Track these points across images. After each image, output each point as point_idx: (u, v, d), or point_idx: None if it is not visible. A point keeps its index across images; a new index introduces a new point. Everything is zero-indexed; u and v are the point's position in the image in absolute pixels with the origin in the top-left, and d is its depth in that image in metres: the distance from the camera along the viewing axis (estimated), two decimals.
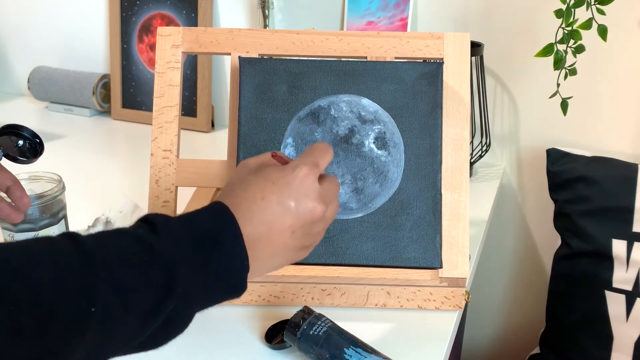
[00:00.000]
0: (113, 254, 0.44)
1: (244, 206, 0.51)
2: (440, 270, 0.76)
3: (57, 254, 0.43)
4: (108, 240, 0.46)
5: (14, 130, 0.64)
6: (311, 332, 0.67)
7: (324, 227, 0.57)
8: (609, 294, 1.06)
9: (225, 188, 0.56)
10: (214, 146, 1.37)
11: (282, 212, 0.52)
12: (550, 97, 0.99)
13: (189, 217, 0.50)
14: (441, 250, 0.77)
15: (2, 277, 0.39)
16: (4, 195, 0.69)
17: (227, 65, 1.43)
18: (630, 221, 1.04)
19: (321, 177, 0.57)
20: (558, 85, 0.98)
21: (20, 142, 0.64)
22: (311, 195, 0.54)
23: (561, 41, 0.92)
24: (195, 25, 1.40)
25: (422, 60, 0.83)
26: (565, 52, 0.93)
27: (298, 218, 0.53)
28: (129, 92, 1.50)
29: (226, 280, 0.50)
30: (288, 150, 0.77)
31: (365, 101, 0.78)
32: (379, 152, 0.77)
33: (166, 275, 0.45)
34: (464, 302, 0.78)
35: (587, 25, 0.91)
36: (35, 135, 0.64)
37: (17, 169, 0.75)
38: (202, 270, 0.48)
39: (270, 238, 0.52)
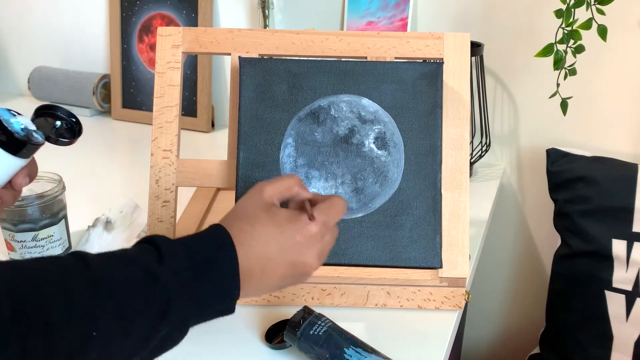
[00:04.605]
0: (119, 282, 0.47)
1: (247, 242, 0.55)
2: (440, 270, 0.76)
3: (68, 279, 0.46)
4: (116, 268, 0.49)
5: (49, 111, 0.59)
6: (311, 332, 0.67)
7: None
8: (608, 294, 1.06)
9: (234, 212, 0.58)
10: (214, 146, 1.37)
11: (279, 261, 0.56)
12: (550, 97, 0.99)
13: (193, 244, 0.53)
14: (441, 250, 0.77)
15: (19, 300, 0.42)
16: None
17: (227, 65, 1.43)
18: (630, 221, 1.04)
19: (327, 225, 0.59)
20: (558, 85, 0.98)
21: (58, 123, 0.59)
22: (310, 255, 0.57)
23: (561, 41, 0.92)
24: (195, 25, 1.40)
25: (422, 61, 0.83)
26: (565, 52, 0.93)
27: (291, 269, 0.57)
28: (129, 92, 1.50)
29: (217, 305, 0.54)
30: (288, 150, 0.78)
31: (365, 101, 0.78)
32: (379, 152, 0.77)
33: (164, 305, 0.49)
34: (464, 302, 0.78)
35: (587, 25, 0.91)
36: (71, 115, 0.59)
37: None
38: (197, 298, 0.51)
39: (261, 276, 0.56)
